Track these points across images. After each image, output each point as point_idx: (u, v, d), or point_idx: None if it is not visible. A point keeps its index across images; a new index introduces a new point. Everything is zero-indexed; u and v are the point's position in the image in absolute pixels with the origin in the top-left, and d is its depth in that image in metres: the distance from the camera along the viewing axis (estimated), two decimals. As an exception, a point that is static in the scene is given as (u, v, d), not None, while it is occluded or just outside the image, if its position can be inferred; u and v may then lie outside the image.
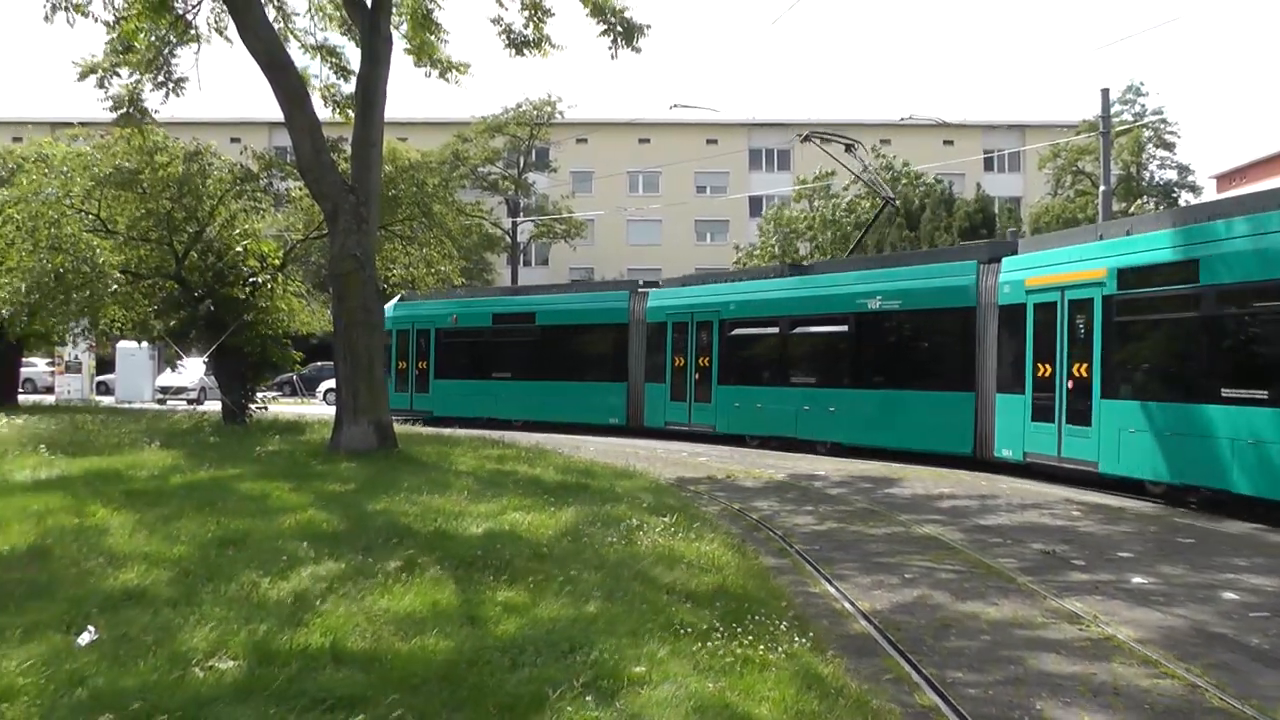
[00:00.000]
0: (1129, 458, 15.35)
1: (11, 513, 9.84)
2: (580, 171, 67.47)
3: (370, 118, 17.35)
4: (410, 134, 61.08)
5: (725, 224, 67.77)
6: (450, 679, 5.42)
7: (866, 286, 21.32)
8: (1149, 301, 15.42)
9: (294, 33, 21.38)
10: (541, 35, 19.39)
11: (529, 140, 61.13)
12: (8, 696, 5.08)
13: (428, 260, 23.02)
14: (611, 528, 9.65)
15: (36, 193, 20.43)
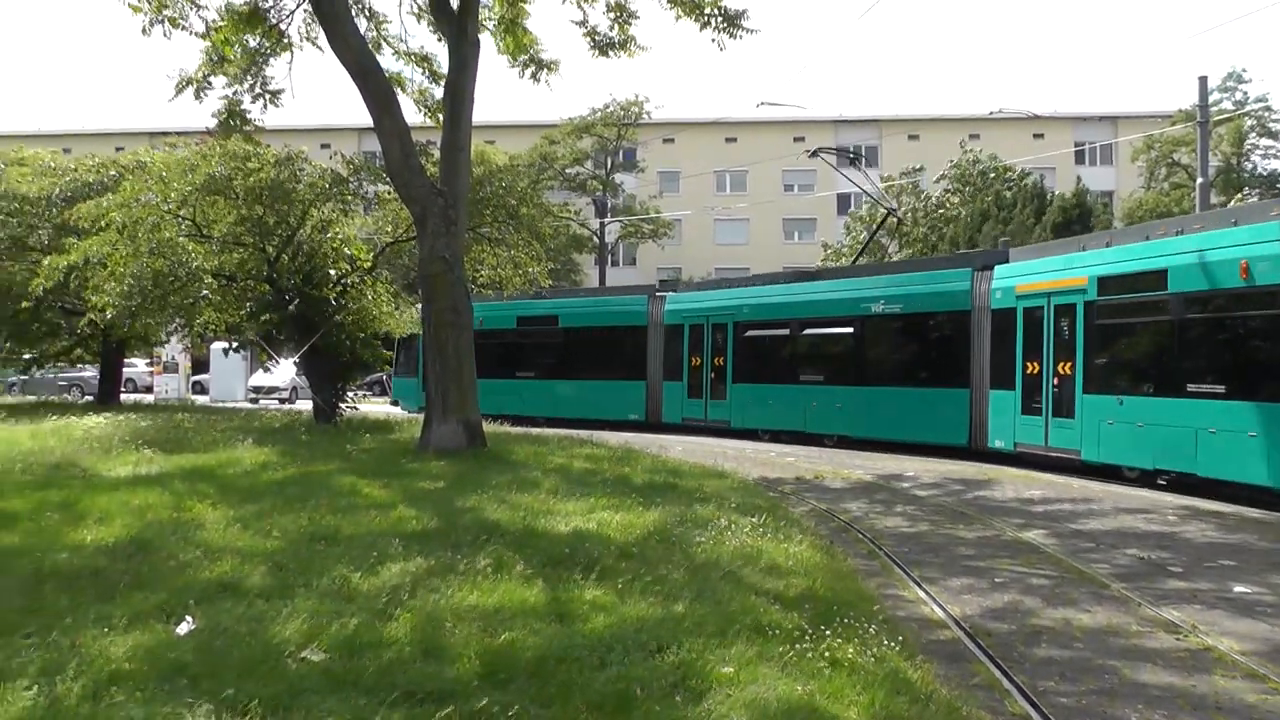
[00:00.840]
0: (1107, 446, 17.37)
1: (114, 507, 10.20)
2: (667, 171, 67.52)
3: (458, 121, 17.55)
4: (498, 137, 61.71)
5: (812, 222, 67.27)
6: (538, 676, 5.45)
7: (870, 291, 23.33)
8: (1125, 307, 17.40)
9: (386, 40, 21.72)
10: (627, 37, 19.48)
11: (616, 141, 61.31)
12: (116, 680, 5.27)
13: (515, 261, 23.16)
14: (699, 528, 9.61)
15: (136, 200, 20.99)
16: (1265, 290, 14.52)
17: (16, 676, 5.33)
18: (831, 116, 67.76)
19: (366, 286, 22.91)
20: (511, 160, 44.16)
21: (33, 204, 27.89)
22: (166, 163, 22.64)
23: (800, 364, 25.11)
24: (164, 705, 4.99)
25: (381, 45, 21.53)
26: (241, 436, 17.68)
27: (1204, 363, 15.79)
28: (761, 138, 66.18)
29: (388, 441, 17.90)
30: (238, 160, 20.99)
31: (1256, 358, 15.09)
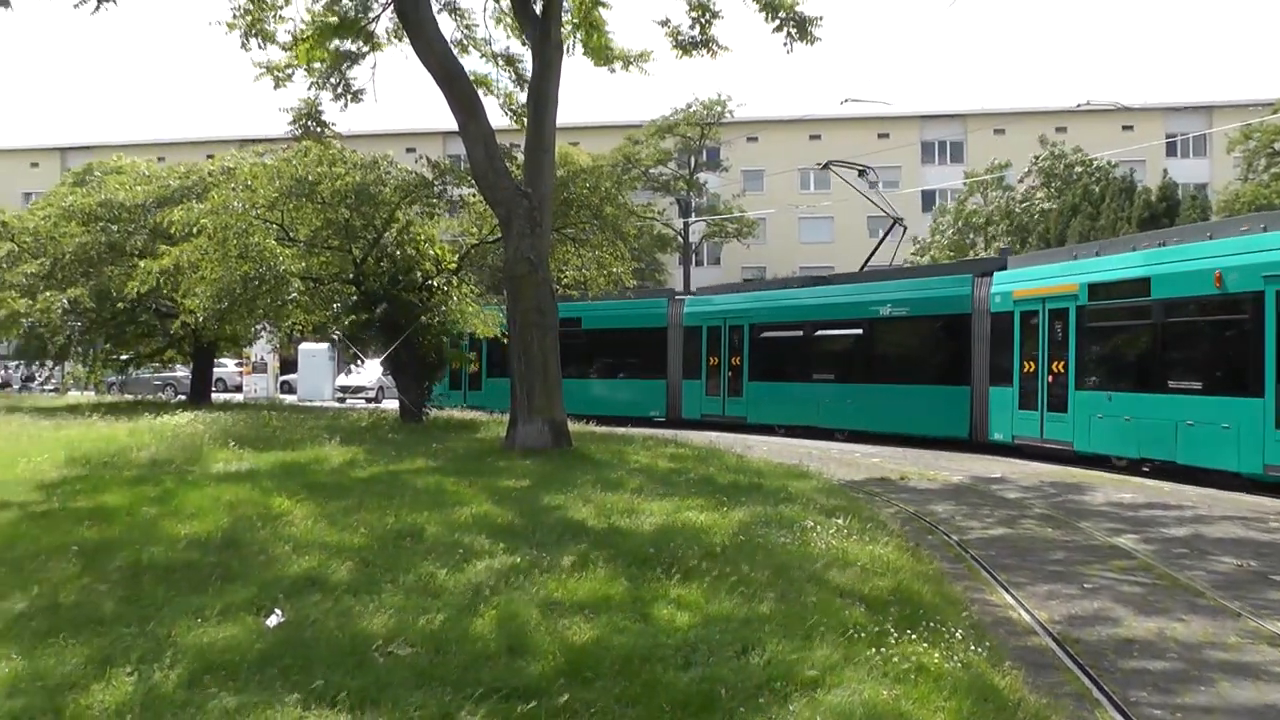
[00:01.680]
0: (1097, 438, 19.06)
1: (206, 502, 10.44)
2: (751, 170, 67.20)
3: (542, 123, 17.66)
4: (582, 138, 61.90)
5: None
6: (623, 674, 5.46)
7: (878, 296, 24.99)
8: (1112, 311, 19.13)
9: (473, 41, 21.92)
10: (709, 36, 19.44)
11: (700, 140, 61.10)
12: (209, 670, 5.45)
13: (600, 262, 23.25)
14: (784, 528, 9.54)
15: (225, 205, 21.45)
16: (1236, 297, 16.27)
17: (119, 664, 5.54)
18: (916, 112, 66.99)
19: (452, 288, 23.13)
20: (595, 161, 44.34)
21: (129, 211, 28.74)
22: (254, 169, 23.11)
23: (813, 363, 26.59)
24: (255, 694, 5.14)
25: (468, 48, 21.76)
26: (329, 435, 17.94)
27: (1183, 362, 17.72)
28: (846, 135, 65.52)
29: (473, 441, 18.06)
30: (324, 165, 21.34)
31: (1229, 357, 16.84)
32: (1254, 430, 15.67)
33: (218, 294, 20.98)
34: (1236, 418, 16.03)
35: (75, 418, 23.30)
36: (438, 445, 16.67)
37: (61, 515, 10.00)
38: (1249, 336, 15.99)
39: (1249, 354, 15.96)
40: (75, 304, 27.44)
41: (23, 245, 31.14)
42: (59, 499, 11.08)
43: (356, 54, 20.86)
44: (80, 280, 27.82)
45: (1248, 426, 15.76)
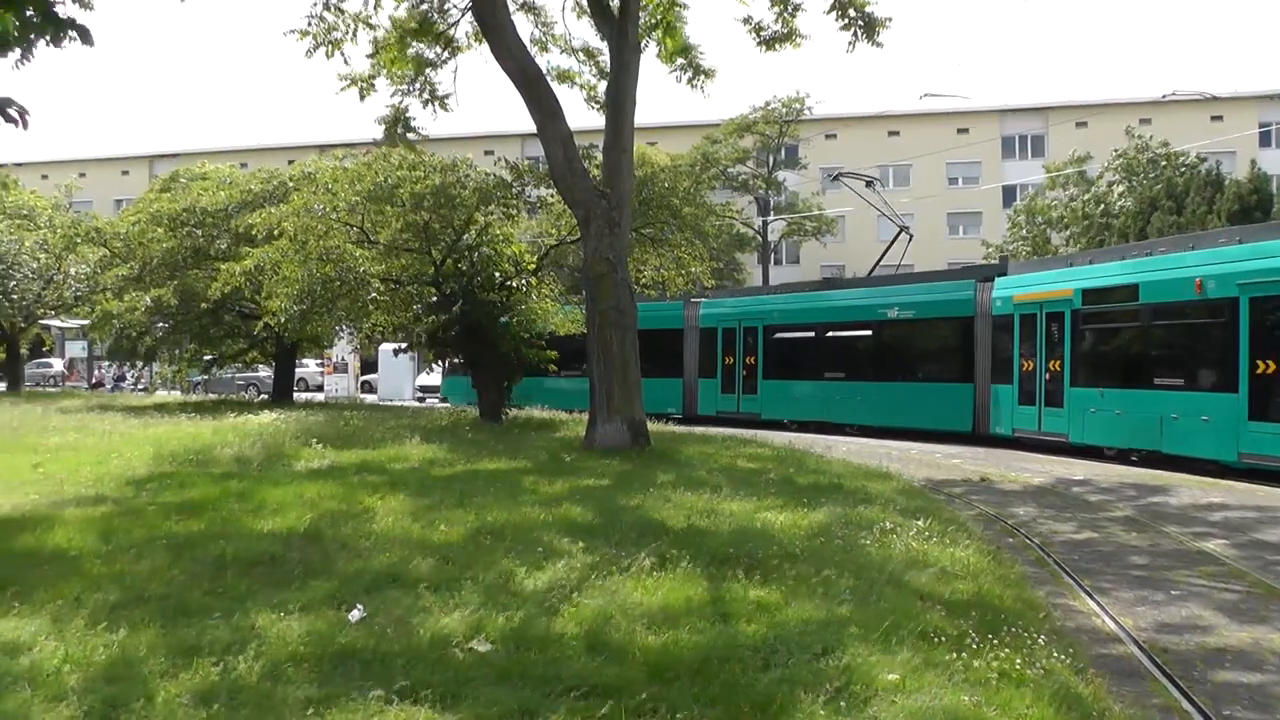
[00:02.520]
0: (1090, 430, 20.65)
1: (289, 498, 10.66)
2: (830, 167, 66.49)
3: (620, 124, 17.71)
4: (660, 138, 61.83)
5: (978, 216, 65.45)
6: (702, 675, 5.44)
7: (886, 299, 26.37)
8: (1104, 314, 20.80)
9: (553, 39, 22.05)
10: (791, 29, 19.43)
11: (778, 138, 60.80)
12: (291, 662, 5.55)
13: (679, 261, 23.27)
14: (864, 530, 9.47)
15: (306, 208, 21.83)
16: (1214, 302, 17.85)
17: (205, 653, 5.68)
18: (996, 106, 65.85)
19: (531, 288, 23.29)
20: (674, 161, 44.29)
21: (213, 215, 29.43)
22: (335, 173, 23.47)
23: (824, 362, 27.94)
24: (336, 687, 5.23)
25: (547, 45, 21.90)
26: (409, 434, 18.14)
27: (1167, 361, 19.37)
28: (925, 130, 64.81)
29: (553, 440, 18.16)
30: (403, 168, 21.58)
31: (1208, 357, 18.40)
32: (1230, 422, 17.40)
33: (298, 295, 21.40)
34: (1214, 411, 17.74)
35: (163, 416, 23.87)
36: (517, 444, 16.80)
37: (151, 510, 10.26)
38: (1225, 338, 17.63)
39: (1225, 354, 17.64)
40: (159, 304, 28.10)
41: (114, 250, 32.15)
42: (148, 494, 11.39)
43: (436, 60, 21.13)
44: (166, 283, 28.50)
45: (1224, 419, 17.50)
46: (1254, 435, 16.95)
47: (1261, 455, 16.85)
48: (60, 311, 42.51)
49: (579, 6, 21.59)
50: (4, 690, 5.21)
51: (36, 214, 42.67)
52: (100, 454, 15.63)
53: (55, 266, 39.93)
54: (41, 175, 74.31)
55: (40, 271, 39.97)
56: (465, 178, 22.18)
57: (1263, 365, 16.88)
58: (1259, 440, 16.87)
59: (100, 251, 33.70)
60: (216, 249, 29.05)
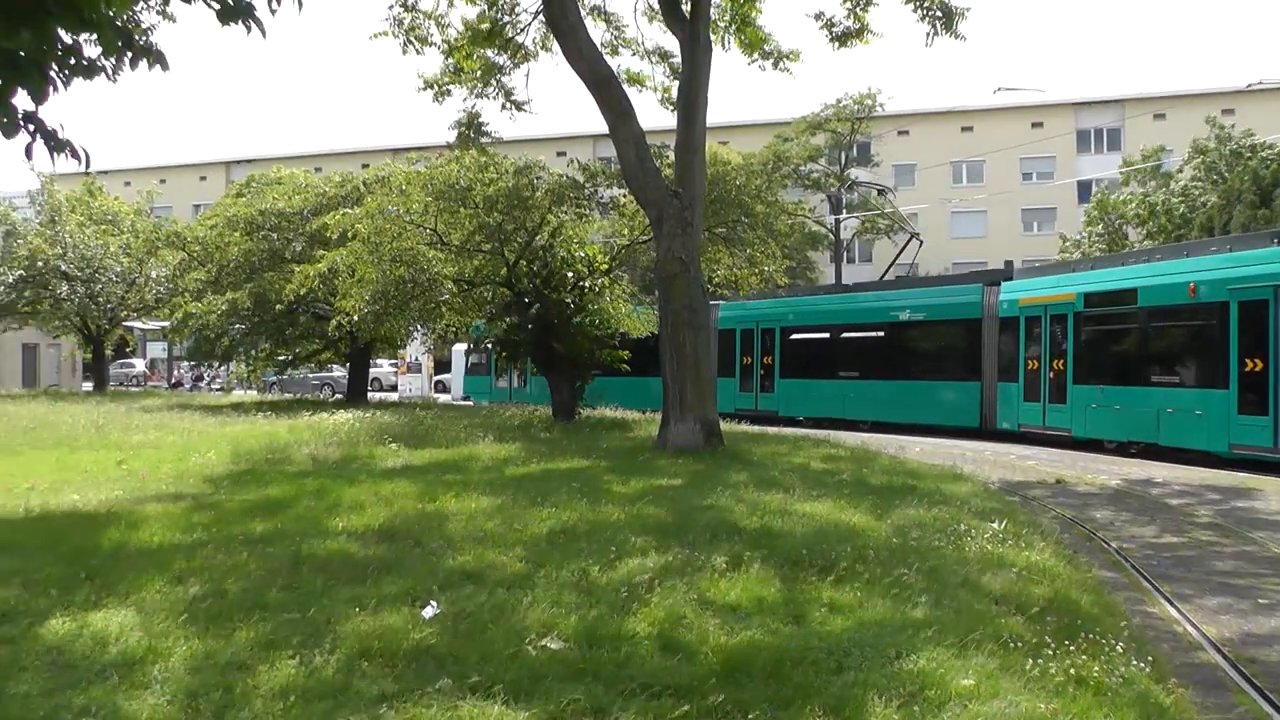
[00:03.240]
0: (1092, 425, 21.95)
1: (365, 496, 10.81)
2: (902, 164, 65.97)
3: (693, 123, 17.69)
4: (731, 137, 61.66)
5: (1052, 212, 64.45)
6: (775, 676, 5.43)
7: (898, 302, 27.84)
8: (1105, 317, 22.06)
9: (624, 42, 22.11)
10: (863, 25, 19.32)
11: (850, 136, 60.19)
12: (367, 657, 5.64)
13: (751, 260, 23.20)
14: (938, 532, 9.34)
15: (380, 211, 22.09)
16: (1206, 306, 19.21)
17: (282, 647, 5.78)
18: (1071, 99, 64.74)
19: (604, 288, 23.35)
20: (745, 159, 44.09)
21: (288, 219, 29.94)
22: (408, 175, 23.72)
23: (839, 362, 29.19)
24: (411, 682, 5.28)
25: (618, 48, 21.97)
26: (482, 433, 18.29)
27: (1163, 360, 20.77)
28: (999, 125, 63.94)
29: (625, 439, 18.20)
30: (477, 170, 21.76)
31: (1201, 355, 19.66)
32: (1221, 416, 18.79)
33: (372, 296, 21.64)
34: (1207, 406, 19.14)
35: (239, 415, 24.31)
36: (590, 444, 16.85)
37: (229, 507, 10.47)
38: (1217, 339, 18.98)
39: (1217, 353, 18.97)
40: (236, 306, 28.64)
41: (192, 254, 32.88)
42: (226, 492, 11.61)
43: (508, 65, 21.35)
44: (243, 285, 29.03)
45: (1216, 413, 18.89)
46: (1244, 428, 18.40)
47: (1250, 446, 18.29)
48: (142, 313, 43.55)
49: (650, 10, 21.63)
50: (93, 678, 5.38)
51: (120, 219, 43.72)
52: (180, 452, 15.98)
53: (137, 270, 40.94)
54: (125, 182, 76.01)
55: (123, 275, 41.02)
56: (538, 179, 22.29)
57: (1251, 363, 18.31)
58: (1248, 432, 18.32)
59: (179, 255, 34.46)
60: (292, 251, 29.55)
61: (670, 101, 21.78)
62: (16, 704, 5.06)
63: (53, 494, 11.49)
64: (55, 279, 39.42)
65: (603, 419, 23.13)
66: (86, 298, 40.06)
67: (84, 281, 39.96)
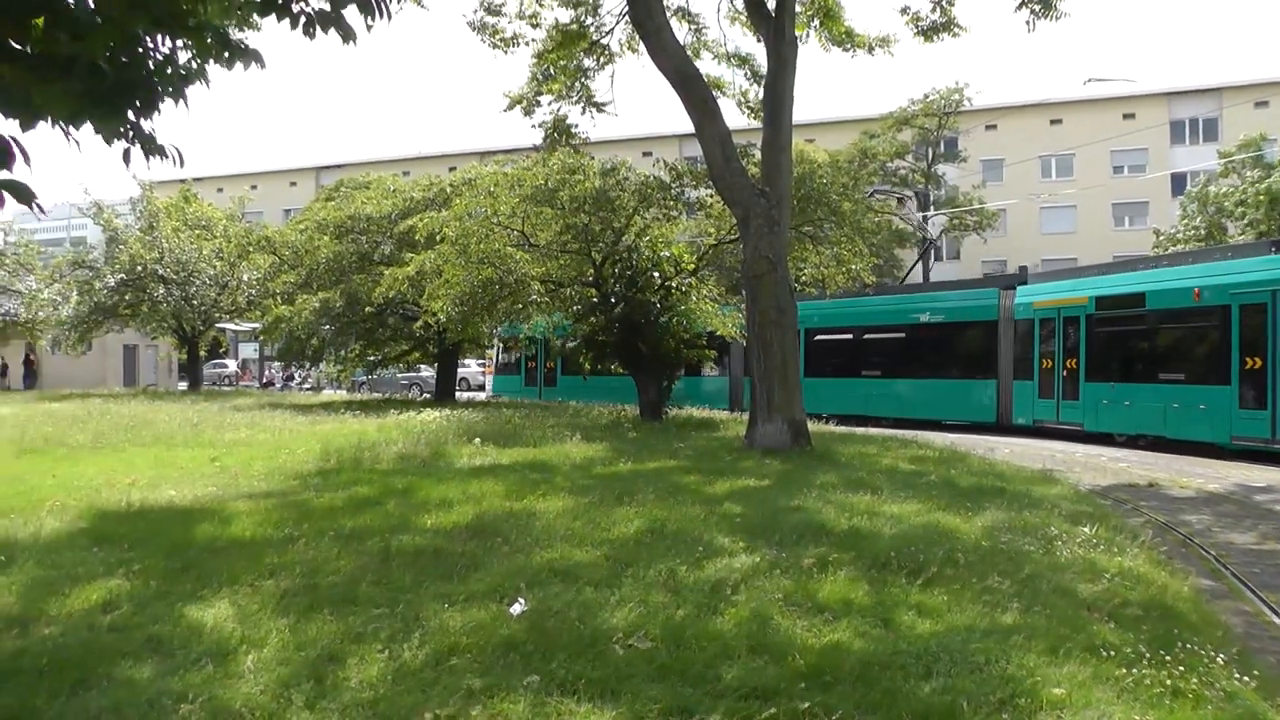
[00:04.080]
0: (1103, 419, 23.63)
1: (453, 494, 10.92)
2: (990, 160, 64.72)
3: (778, 121, 17.58)
4: (818, 134, 61.28)
5: (1144, 206, 62.77)
6: (863, 680, 5.37)
7: (918, 305, 29.24)
8: (1115, 319, 23.61)
9: (705, 45, 22.11)
10: (950, 18, 19.17)
11: (937, 131, 59.10)
12: (454, 652, 5.71)
13: (838, 259, 23.03)
14: (1028, 535, 9.16)
15: (468, 213, 22.30)
16: (1210, 309, 20.85)
17: (371, 640, 5.90)
18: (1164, 89, 63.07)
19: (691, 288, 23.34)
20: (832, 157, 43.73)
21: (376, 222, 30.41)
22: (495, 177, 23.93)
23: (862, 361, 30.60)
24: (498, 677, 5.34)
25: (700, 51, 21.98)
26: (570, 432, 18.36)
27: (1170, 359, 22.19)
28: (1089, 117, 62.49)
29: (713, 439, 18.15)
30: (563, 172, 21.87)
31: (1204, 355, 21.23)
32: (1224, 410, 20.40)
33: (460, 297, 21.84)
34: (1211, 401, 20.73)
35: (329, 414, 24.70)
36: (677, 444, 16.84)
37: (320, 503, 10.65)
38: (1220, 339, 20.62)
39: (1219, 352, 20.61)
40: (326, 307, 29.14)
41: (283, 257, 33.62)
42: (317, 488, 11.80)
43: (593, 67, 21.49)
44: (332, 287, 29.55)
45: (1219, 407, 20.50)
46: (1244, 420, 20.04)
47: (1250, 437, 19.93)
48: (234, 315, 44.52)
49: (733, 10, 21.59)
50: (190, 666, 5.56)
51: (213, 225, 44.79)
52: (271, 449, 16.29)
53: (230, 273, 41.91)
54: (217, 189, 77.90)
55: (216, 278, 42.01)
56: (624, 180, 22.34)
57: (1250, 362, 19.91)
58: (1248, 425, 19.96)
59: (270, 259, 35.22)
60: (380, 254, 30.00)
61: (750, 106, 21.79)
62: (122, 688, 5.25)
63: (151, 489, 11.78)
64: (153, 283, 40.52)
65: (690, 418, 23.11)
66: (182, 300, 41.13)
67: (179, 285, 41.02)
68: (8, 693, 5.19)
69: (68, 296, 41.91)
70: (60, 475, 13.20)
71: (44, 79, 4.59)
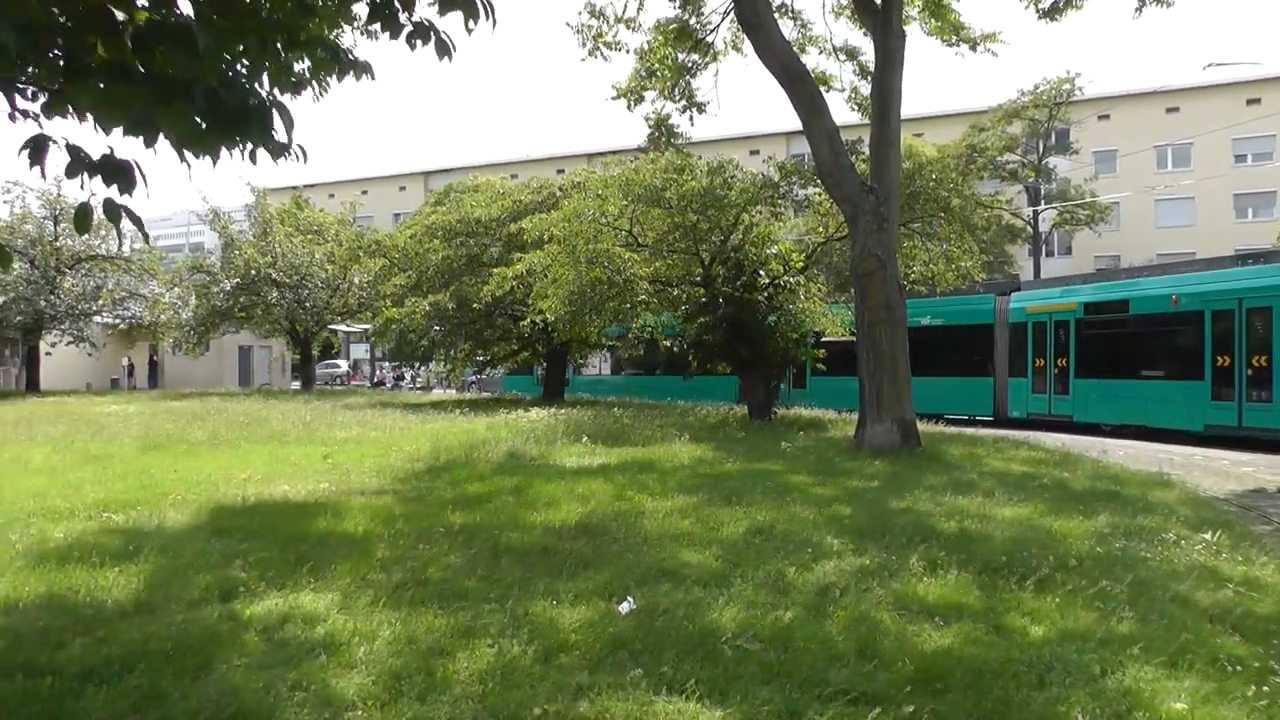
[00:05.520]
0: (1091, 411, 26.18)
1: (561, 493, 11.02)
2: (1103, 151, 62.74)
3: (887, 116, 17.39)
4: (925, 129, 60.24)
5: (1270, 196, 60.30)
6: (975, 688, 5.27)
7: (920, 309, 29.50)
8: (1101, 323, 26.39)
9: (811, 39, 21.93)
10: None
11: (1048, 123, 57.44)
12: (563, 648, 5.76)
13: (948, 256, 22.69)
14: (1144, 541, 8.88)
15: (576, 215, 22.43)
16: (1186, 314, 23.61)
17: (480, 635, 5.98)
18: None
19: (799, 287, 23.19)
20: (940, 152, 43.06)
21: (485, 225, 30.82)
22: (604, 178, 24.05)
23: None
24: (606, 675, 5.36)
25: (805, 46, 21.81)
26: (678, 432, 18.38)
27: (1150, 358, 25.00)
28: (1208, 104, 59.85)
29: (821, 439, 18.02)
30: (671, 171, 21.89)
31: (1181, 354, 23.95)
32: (1198, 402, 23.15)
33: (568, 297, 21.99)
34: (1186, 394, 23.46)
35: (439, 413, 25.04)
36: (785, 444, 16.73)
37: (430, 500, 10.81)
38: (1194, 340, 23.33)
39: (1194, 352, 23.32)
40: (436, 309, 29.61)
41: (393, 260, 34.24)
42: (426, 486, 11.98)
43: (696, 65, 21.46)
44: (442, 289, 30.02)
45: (1193, 400, 23.28)
46: (1215, 410, 22.79)
47: (1220, 425, 22.61)
48: (345, 317, 45.44)
49: (838, 5, 21.40)
50: (304, 656, 5.70)
51: (325, 229, 45.90)
52: (382, 447, 16.56)
53: (341, 276, 42.80)
54: (329, 195, 79.67)
55: (328, 281, 42.98)
56: (731, 179, 22.28)
57: (1220, 360, 22.64)
58: (1218, 414, 22.74)
59: (381, 262, 35.86)
60: (489, 256, 30.31)
61: (857, 102, 21.57)
62: (240, 674, 5.42)
63: (266, 485, 12.07)
64: (267, 286, 41.72)
65: (798, 418, 22.96)
66: (295, 303, 42.23)
67: (292, 288, 42.12)
68: (138, 674, 5.39)
69: (187, 300, 43.36)
70: (181, 470, 13.62)
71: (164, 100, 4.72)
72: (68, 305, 41.89)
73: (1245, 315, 22.18)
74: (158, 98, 4.71)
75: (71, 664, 5.53)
